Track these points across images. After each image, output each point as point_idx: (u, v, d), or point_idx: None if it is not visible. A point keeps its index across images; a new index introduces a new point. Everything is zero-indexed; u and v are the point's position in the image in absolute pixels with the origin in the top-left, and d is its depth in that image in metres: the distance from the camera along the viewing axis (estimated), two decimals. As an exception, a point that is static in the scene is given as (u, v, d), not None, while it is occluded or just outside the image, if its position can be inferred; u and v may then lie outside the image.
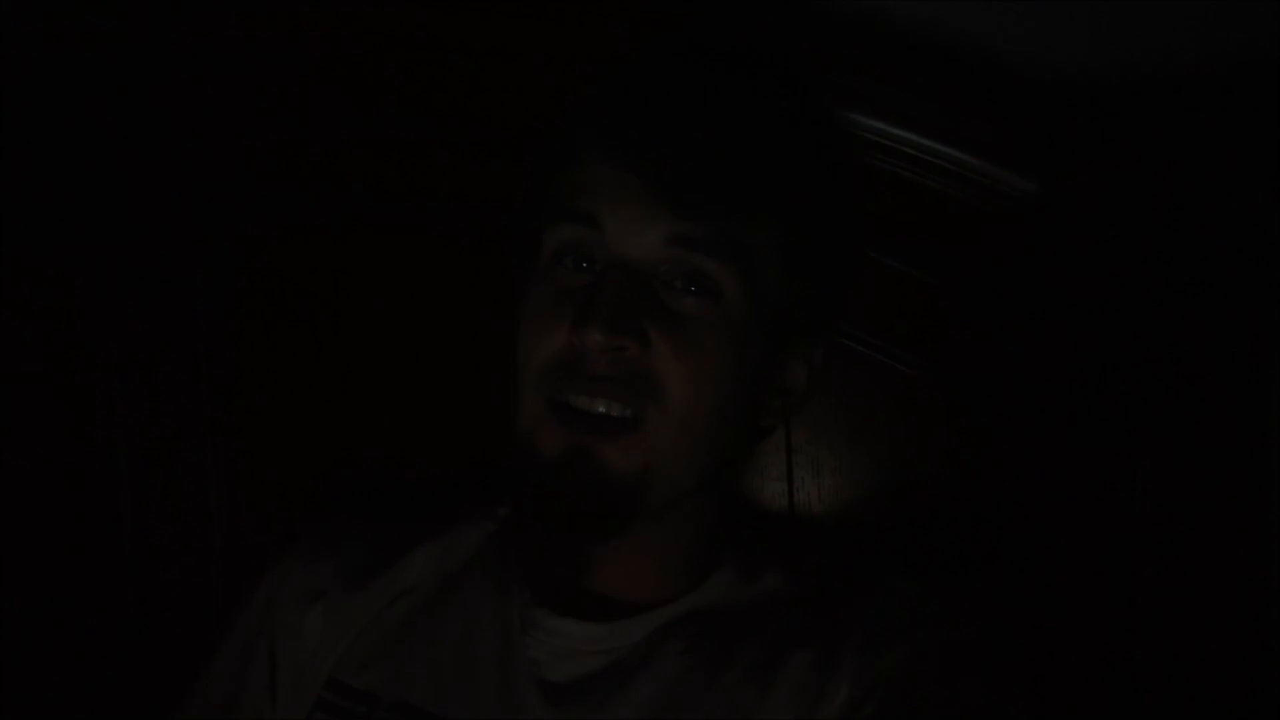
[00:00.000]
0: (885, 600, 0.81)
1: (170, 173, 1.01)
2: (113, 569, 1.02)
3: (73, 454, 1.02)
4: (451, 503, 0.90)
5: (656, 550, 0.81)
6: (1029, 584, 0.91)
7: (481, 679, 0.80)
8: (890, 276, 0.92)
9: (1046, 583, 0.90)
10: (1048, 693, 0.88)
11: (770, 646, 0.79)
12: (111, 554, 1.02)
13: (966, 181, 0.89)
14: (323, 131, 1.00)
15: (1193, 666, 0.88)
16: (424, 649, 0.82)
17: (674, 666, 0.79)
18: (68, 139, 1.01)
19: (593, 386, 0.75)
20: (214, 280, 1.02)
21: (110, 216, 1.01)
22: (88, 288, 1.01)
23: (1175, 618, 0.89)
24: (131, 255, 1.01)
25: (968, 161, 0.88)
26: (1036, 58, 0.95)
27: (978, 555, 0.91)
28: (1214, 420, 0.87)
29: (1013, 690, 0.81)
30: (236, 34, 0.98)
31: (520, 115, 0.96)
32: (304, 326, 1.02)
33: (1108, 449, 0.90)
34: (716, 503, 0.84)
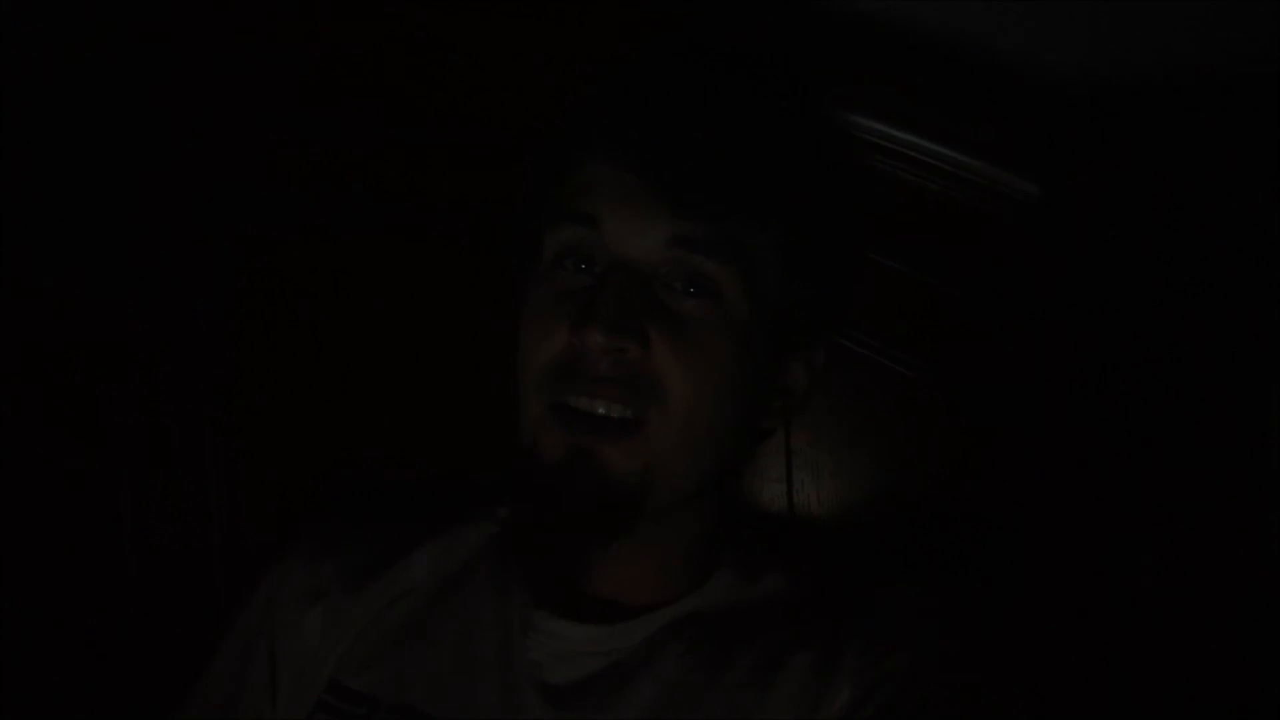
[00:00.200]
0: (886, 603, 0.81)
1: (171, 173, 1.01)
2: (113, 569, 1.02)
3: (73, 454, 1.02)
4: (452, 504, 0.90)
5: (657, 552, 0.81)
6: (1029, 586, 0.91)
7: (482, 681, 0.80)
8: (891, 278, 0.92)
9: (1046, 584, 0.91)
10: (1048, 695, 0.88)
11: (771, 648, 0.79)
12: (111, 554, 1.02)
13: (967, 183, 0.89)
14: (323, 133, 1.00)
15: (1193, 667, 0.88)
16: (424, 650, 0.82)
17: (674, 668, 0.79)
18: (68, 139, 1.01)
19: (593, 388, 0.75)
20: (214, 280, 1.02)
21: (111, 217, 1.01)
22: (88, 288, 1.01)
23: (1176, 618, 0.89)
24: (131, 255, 1.01)
25: (969, 163, 0.89)
26: (1037, 60, 0.95)
27: (977, 557, 0.91)
28: (1214, 420, 0.88)
29: (1013, 692, 0.81)
30: (237, 35, 0.98)
31: (521, 117, 0.96)
32: (304, 327, 1.02)
33: (1108, 450, 0.90)
34: (717, 504, 0.84)
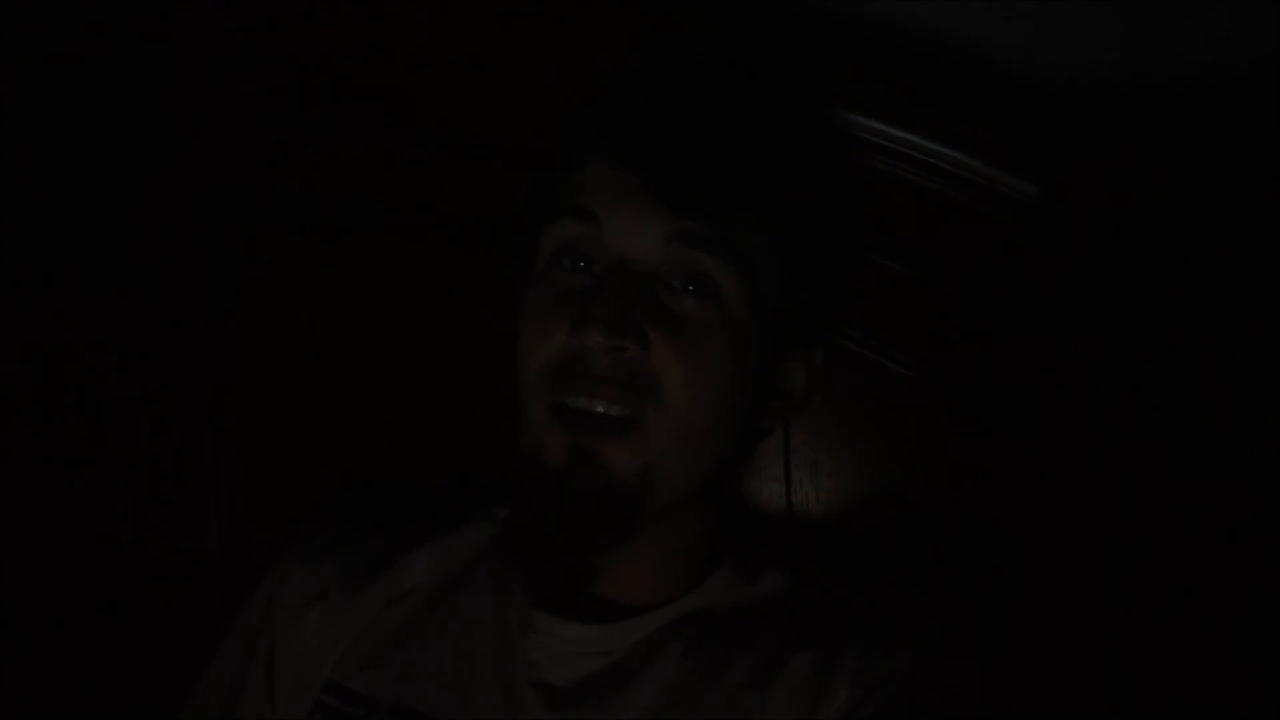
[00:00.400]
0: (886, 603, 0.81)
1: (171, 174, 1.01)
2: (112, 570, 1.02)
3: (72, 456, 1.02)
4: (451, 505, 0.90)
5: (657, 552, 0.81)
6: (1028, 585, 0.91)
7: (481, 681, 0.80)
8: (890, 278, 0.92)
9: (1046, 584, 0.90)
10: (1048, 695, 0.88)
11: (770, 648, 0.79)
12: (111, 555, 1.02)
13: (967, 183, 0.89)
14: (323, 133, 1.00)
15: (1193, 667, 0.88)
16: (423, 651, 0.82)
17: (674, 668, 0.78)
18: (68, 140, 1.01)
19: (593, 388, 0.76)
20: (214, 281, 1.02)
21: (111, 217, 1.01)
22: (88, 288, 1.01)
23: (1176, 619, 0.89)
24: (131, 255, 1.01)
25: (968, 163, 0.89)
26: (1037, 60, 0.95)
27: (976, 556, 0.91)
28: (1214, 420, 0.88)
29: (1013, 692, 0.81)
30: (238, 36, 0.98)
31: (521, 117, 0.96)
32: (304, 328, 1.02)
33: (1107, 451, 0.90)
34: (717, 505, 0.84)
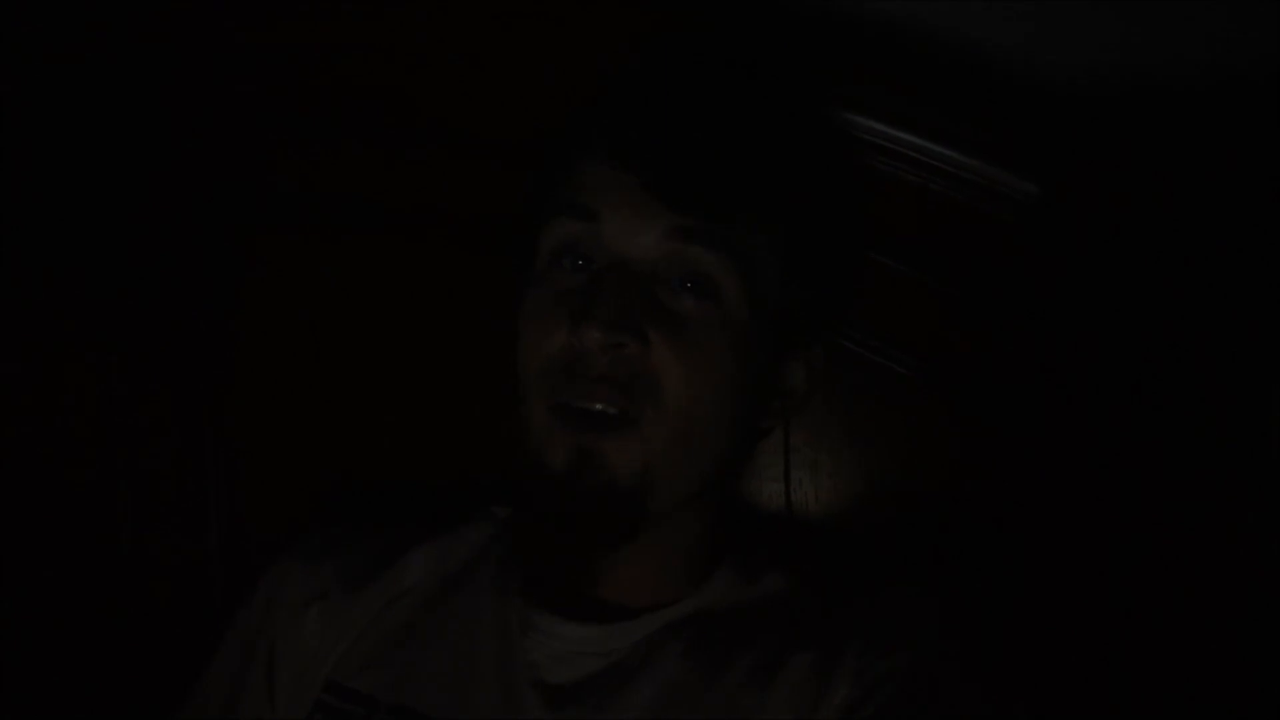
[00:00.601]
0: (886, 603, 0.81)
1: (171, 174, 1.01)
2: (112, 570, 1.02)
3: (72, 456, 1.02)
4: (451, 505, 0.90)
5: (658, 553, 0.81)
6: (1028, 585, 0.91)
7: (481, 681, 0.80)
8: (890, 278, 0.92)
9: (1046, 584, 0.90)
10: (1048, 694, 0.88)
11: (770, 648, 0.78)
12: (111, 555, 1.02)
13: (967, 183, 0.89)
14: (323, 133, 1.00)
15: (1193, 667, 0.88)
16: (423, 651, 0.82)
17: (674, 669, 0.78)
18: (68, 139, 1.01)
19: (592, 388, 0.75)
20: (214, 281, 1.02)
21: (111, 217, 1.01)
22: (88, 288, 1.01)
23: (1176, 619, 0.89)
24: (131, 255, 1.01)
25: (968, 163, 0.89)
26: (1037, 60, 0.95)
27: (976, 556, 0.91)
28: (1214, 420, 0.88)
29: (1013, 693, 0.81)
30: (238, 36, 0.98)
31: (521, 117, 0.96)
32: (304, 328, 1.02)
33: (1107, 451, 0.90)
34: (717, 505, 0.84)
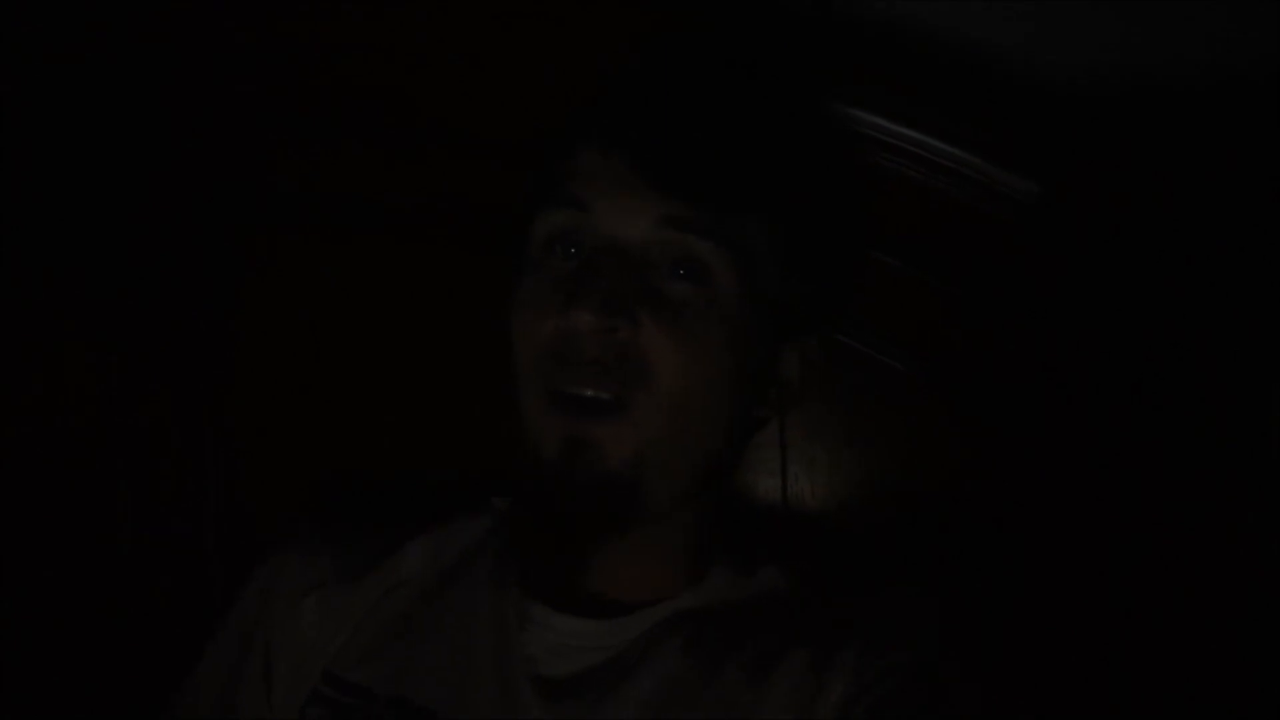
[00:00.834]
0: (886, 603, 0.81)
1: (171, 174, 1.01)
2: (112, 569, 1.02)
3: (72, 456, 1.02)
4: (449, 496, 0.90)
5: (655, 547, 0.81)
6: (1025, 583, 0.91)
7: (478, 675, 0.80)
8: (890, 275, 0.92)
9: (1043, 582, 0.90)
10: (1046, 693, 0.88)
11: (768, 645, 0.78)
12: (110, 555, 1.02)
13: (969, 181, 0.89)
14: (323, 133, 1.00)
15: (1193, 667, 0.88)
16: (420, 644, 0.82)
17: (672, 664, 0.78)
18: (68, 139, 1.01)
19: (583, 373, 0.75)
20: (214, 281, 1.02)
21: (111, 217, 1.01)
22: (88, 288, 1.01)
23: (1176, 619, 0.89)
24: (131, 255, 1.01)
25: (970, 161, 0.89)
26: (1039, 59, 0.95)
27: (972, 553, 0.91)
28: (1214, 420, 0.88)
29: (1010, 692, 0.81)
30: (238, 36, 0.98)
31: (521, 117, 0.96)
32: (304, 327, 1.02)
33: (1105, 449, 0.90)
34: (714, 500, 0.84)
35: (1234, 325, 0.87)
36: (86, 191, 1.01)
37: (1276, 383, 0.86)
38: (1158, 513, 0.89)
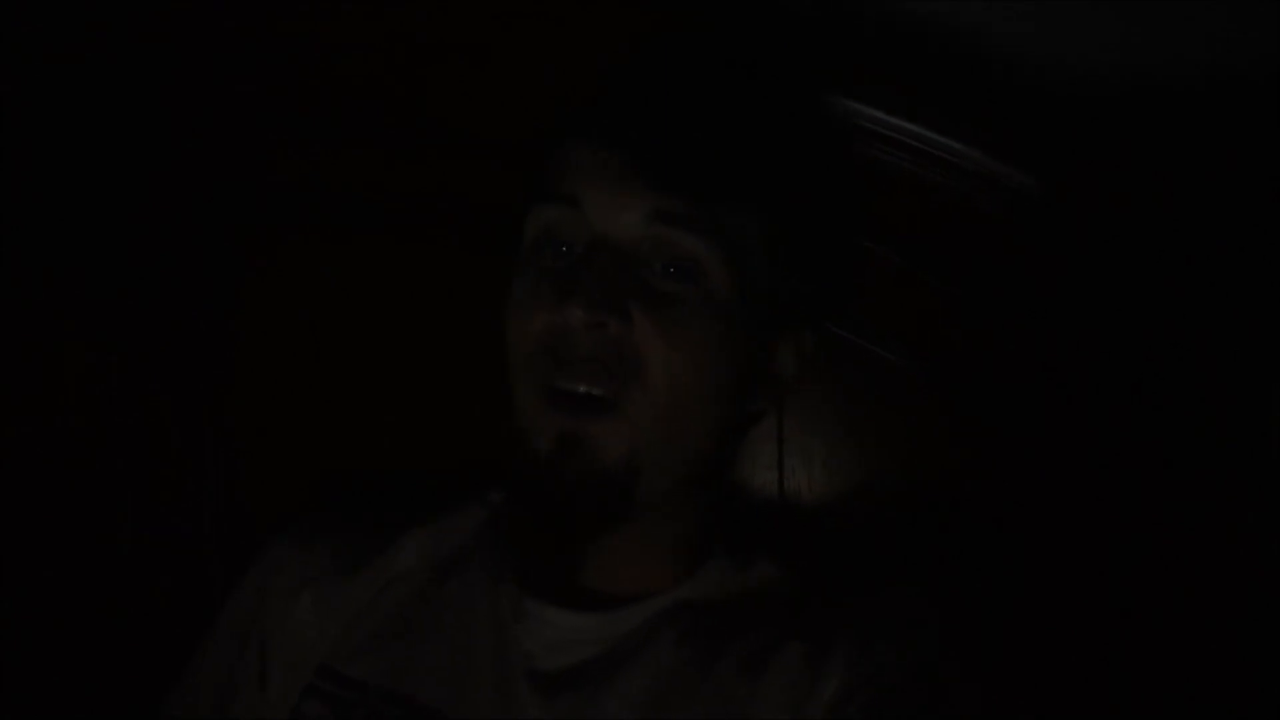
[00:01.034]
0: (881, 597, 0.81)
1: (171, 174, 1.01)
2: (112, 569, 1.02)
3: (72, 456, 1.02)
4: (443, 489, 0.90)
5: (650, 541, 0.81)
6: (1020, 579, 0.91)
7: (474, 668, 0.80)
8: (887, 269, 0.92)
9: (1039, 578, 0.90)
10: (1042, 691, 0.88)
11: (763, 637, 0.78)
12: (110, 554, 1.02)
13: (967, 175, 0.89)
14: (323, 133, 1.00)
15: (1193, 667, 0.88)
16: (416, 637, 0.82)
17: (667, 657, 0.78)
18: (68, 139, 1.01)
19: (577, 370, 0.75)
20: (214, 281, 1.02)
21: (111, 217, 1.01)
22: (88, 288, 1.01)
23: (1176, 619, 0.89)
24: (131, 255, 1.01)
25: (969, 154, 0.89)
26: (1039, 53, 0.95)
27: (968, 547, 0.91)
28: (1214, 420, 0.88)
29: (1010, 693, 0.81)
30: (238, 36, 0.99)
31: (521, 117, 0.96)
32: (304, 327, 1.02)
33: (1104, 448, 0.90)
34: (709, 493, 0.84)
35: (1234, 325, 0.87)
36: (86, 191, 1.01)
37: (1276, 383, 0.86)
38: (1157, 511, 0.89)
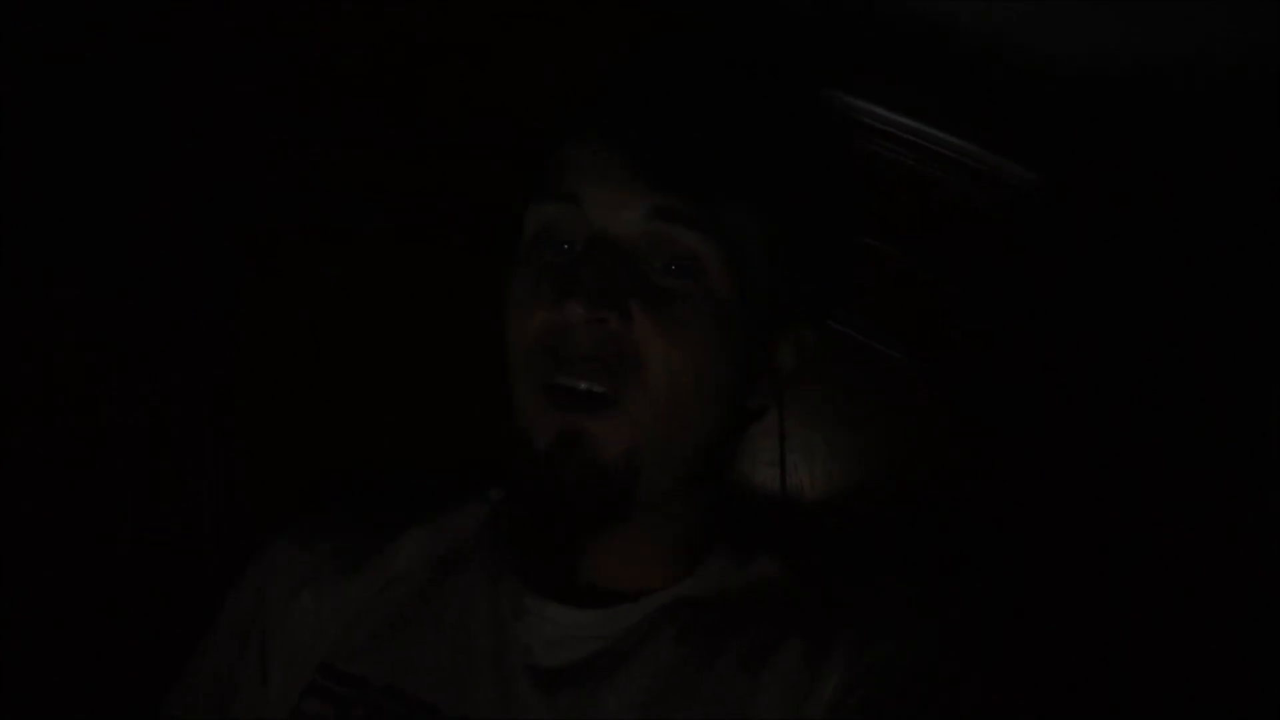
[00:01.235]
0: (880, 593, 0.81)
1: (171, 174, 1.01)
2: (111, 569, 1.02)
3: (72, 456, 1.02)
4: (443, 487, 0.90)
5: (651, 537, 0.81)
6: (1021, 575, 0.91)
7: (474, 665, 0.80)
8: (888, 264, 0.92)
9: (1039, 574, 0.90)
10: (1041, 687, 0.88)
11: (763, 634, 0.78)
12: (110, 556, 1.02)
13: (968, 171, 0.89)
14: (323, 133, 1.00)
15: (1193, 667, 0.88)
16: (416, 635, 0.82)
17: (667, 654, 0.78)
18: (68, 139, 1.01)
19: (576, 366, 0.75)
20: (214, 281, 1.02)
21: (111, 216, 1.01)
22: (88, 288, 1.01)
23: (1175, 617, 0.89)
24: (131, 255, 1.01)
25: (969, 150, 0.89)
26: (1039, 48, 0.95)
27: (968, 545, 0.91)
28: (1214, 420, 0.88)
29: (1005, 685, 0.81)
30: (238, 36, 0.99)
31: (521, 117, 0.96)
32: (304, 327, 1.02)
33: (1102, 441, 0.90)
34: (710, 489, 0.84)
35: (1234, 324, 0.87)
36: (86, 191, 1.01)
37: (1276, 383, 0.86)
38: (1157, 510, 0.89)
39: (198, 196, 1.01)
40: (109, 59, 0.99)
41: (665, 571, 0.82)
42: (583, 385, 0.75)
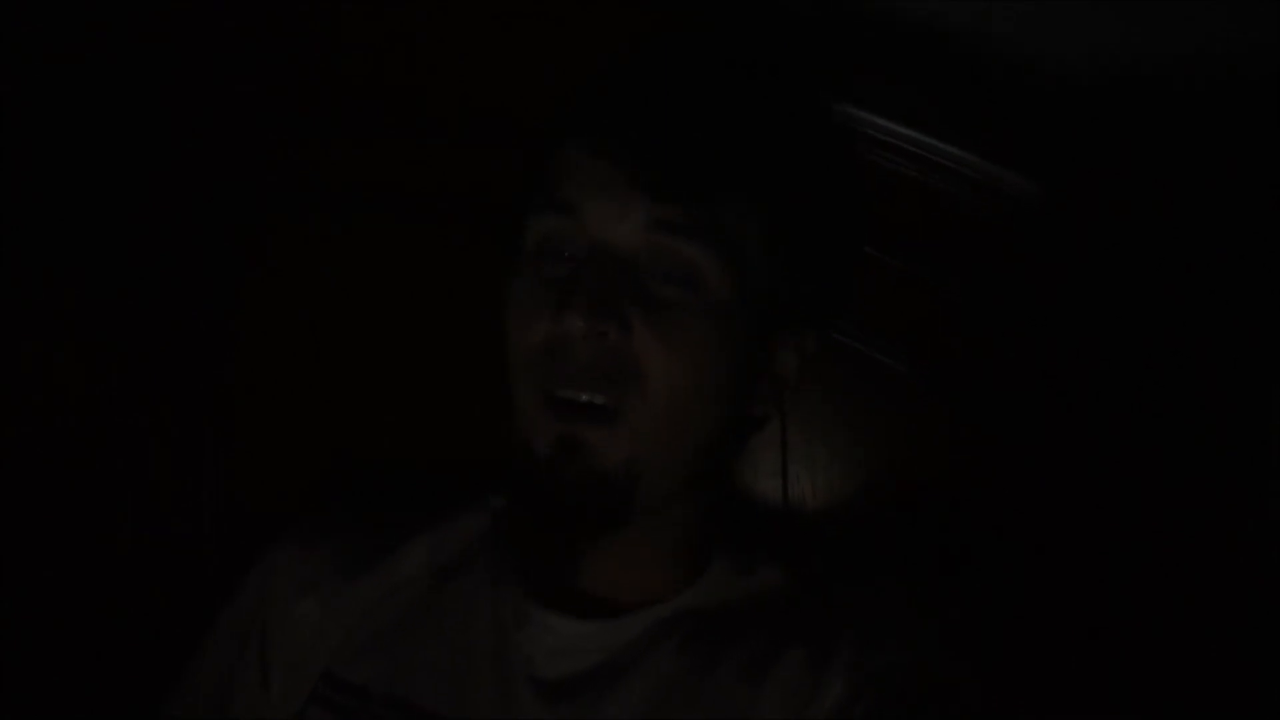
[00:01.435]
0: (881, 601, 0.81)
1: (171, 174, 1.01)
2: (111, 569, 1.02)
3: (72, 456, 1.02)
4: (446, 493, 0.90)
5: (652, 546, 0.81)
6: (1024, 582, 0.91)
7: (475, 675, 0.80)
8: (889, 274, 0.92)
9: (1042, 581, 0.90)
10: (1043, 693, 0.88)
11: (765, 644, 0.78)
12: (110, 556, 1.02)
13: (967, 180, 0.89)
14: (323, 131, 1.00)
15: (1193, 667, 0.88)
16: (418, 643, 0.82)
17: (669, 664, 0.78)
18: (68, 139, 1.01)
19: (576, 378, 0.75)
20: (214, 281, 1.02)
21: (110, 216, 1.01)
22: (88, 288, 1.01)
23: (1174, 620, 0.89)
24: (131, 255, 1.01)
25: (969, 160, 0.89)
26: (1039, 56, 0.95)
27: (971, 553, 0.91)
28: (1214, 423, 0.87)
29: (1011, 696, 0.81)
30: (238, 35, 0.98)
31: (521, 115, 0.95)
32: (304, 326, 1.02)
33: (1103, 449, 0.90)
34: (712, 499, 0.84)
35: (1234, 326, 0.87)
36: (86, 191, 1.01)
37: (1276, 383, 0.86)
38: (1157, 515, 0.89)
39: (198, 196, 1.01)
40: (109, 59, 0.99)
41: (667, 578, 0.82)
42: (583, 397, 0.75)
